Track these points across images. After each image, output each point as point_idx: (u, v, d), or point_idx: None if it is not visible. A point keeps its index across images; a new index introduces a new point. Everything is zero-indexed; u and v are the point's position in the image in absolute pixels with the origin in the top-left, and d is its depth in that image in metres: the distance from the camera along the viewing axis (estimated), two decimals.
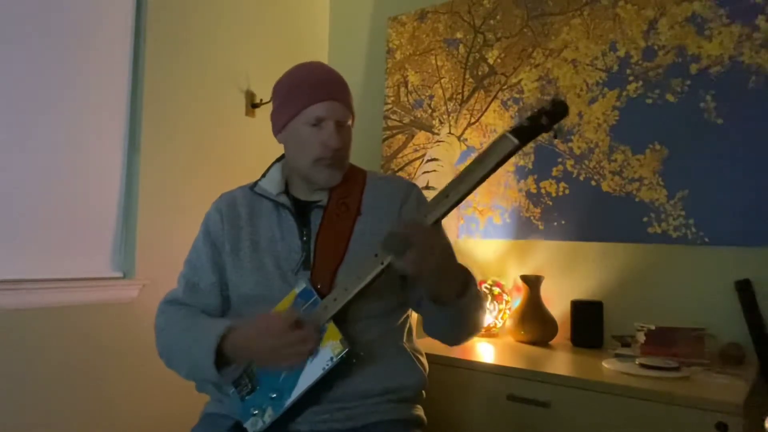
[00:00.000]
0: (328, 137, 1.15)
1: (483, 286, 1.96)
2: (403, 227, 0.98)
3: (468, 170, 0.99)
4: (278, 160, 1.30)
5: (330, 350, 1.05)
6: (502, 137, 0.98)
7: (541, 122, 0.98)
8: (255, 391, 1.10)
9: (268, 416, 1.06)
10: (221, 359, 1.10)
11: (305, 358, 1.06)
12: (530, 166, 2.06)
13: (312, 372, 1.05)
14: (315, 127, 1.16)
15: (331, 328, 1.06)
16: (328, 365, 1.04)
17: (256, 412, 1.08)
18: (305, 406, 1.07)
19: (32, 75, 1.73)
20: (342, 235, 1.17)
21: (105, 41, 1.91)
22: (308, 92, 1.16)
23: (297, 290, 1.12)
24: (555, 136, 1.02)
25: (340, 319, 1.08)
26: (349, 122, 1.21)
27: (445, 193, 1.00)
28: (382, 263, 1.02)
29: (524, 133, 0.97)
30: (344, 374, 1.08)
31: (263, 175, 1.28)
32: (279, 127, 1.22)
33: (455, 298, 1.07)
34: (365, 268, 1.04)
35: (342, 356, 1.03)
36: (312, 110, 1.16)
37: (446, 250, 1.05)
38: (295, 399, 1.05)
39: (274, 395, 1.07)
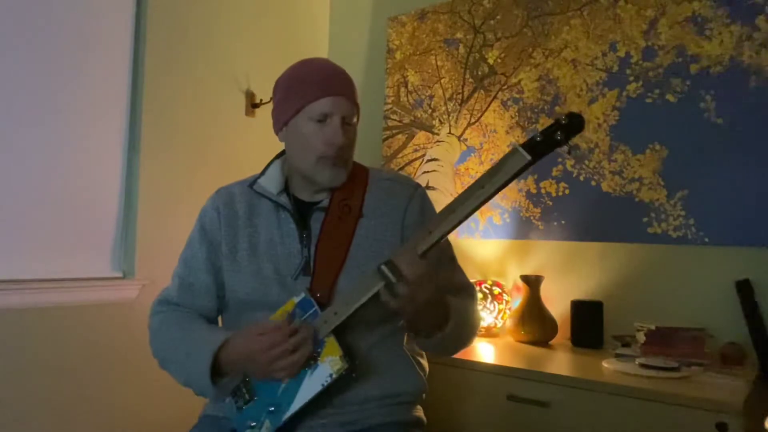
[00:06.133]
0: (333, 134, 1.10)
1: (483, 286, 1.96)
2: (399, 260, 0.97)
3: (477, 185, 0.95)
4: (278, 156, 1.25)
5: (329, 366, 1.03)
6: (513, 152, 0.93)
7: (555, 137, 0.92)
8: (252, 402, 1.08)
9: (266, 429, 1.05)
10: (217, 372, 1.08)
11: (299, 369, 1.04)
12: None
13: (311, 387, 1.04)
14: (320, 123, 1.11)
15: (331, 343, 1.05)
16: (327, 381, 1.03)
17: (254, 424, 1.06)
18: (303, 418, 1.07)
19: (32, 75, 1.73)
20: (343, 239, 1.13)
21: (105, 41, 1.91)
22: (313, 87, 1.11)
23: (296, 299, 1.09)
24: (569, 152, 0.96)
25: (339, 327, 1.06)
26: (355, 120, 1.16)
27: (452, 209, 0.96)
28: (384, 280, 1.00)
29: (537, 147, 0.92)
30: (344, 385, 1.07)
31: (262, 173, 1.23)
32: (280, 124, 1.17)
33: (433, 332, 1.08)
34: (367, 283, 1.02)
35: (341, 373, 1.03)
36: (317, 105, 1.11)
37: (435, 289, 1.01)
38: (293, 413, 1.04)
39: (272, 408, 1.06)
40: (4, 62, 1.67)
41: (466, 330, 1.17)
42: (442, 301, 1.08)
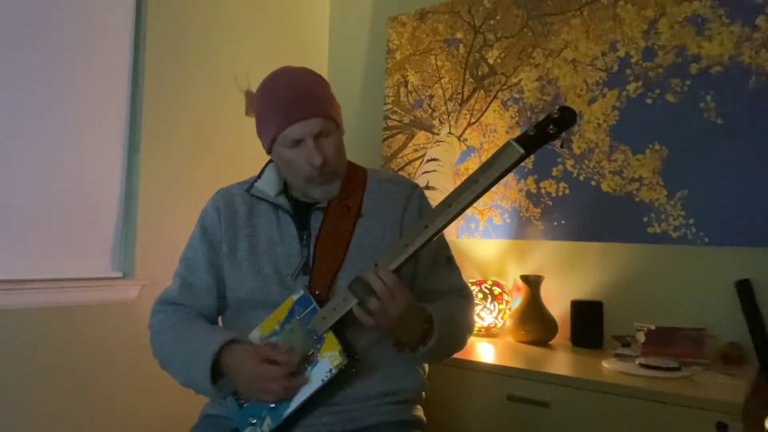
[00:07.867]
0: (309, 156, 1.11)
1: (483, 286, 1.96)
2: (370, 275, 0.99)
3: (471, 180, 0.97)
4: (272, 159, 1.26)
5: (329, 361, 1.04)
6: (507, 146, 0.95)
7: (547, 131, 0.94)
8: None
9: (267, 426, 1.06)
10: (216, 371, 1.09)
11: (281, 398, 1.05)
12: (530, 166, 2.06)
13: (311, 383, 1.05)
14: (295, 148, 1.12)
15: (330, 339, 1.06)
16: (327, 377, 1.04)
17: (255, 421, 1.07)
18: (304, 414, 1.07)
19: (32, 75, 1.73)
20: (342, 238, 1.15)
21: (105, 41, 1.91)
22: (278, 116, 1.11)
23: (295, 297, 1.11)
24: (562, 146, 0.97)
25: (338, 323, 1.07)
26: (333, 129, 1.15)
27: (447, 203, 0.98)
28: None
29: (530, 141, 0.94)
30: (344, 381, 1.08)
31: (259, 176, 1.24)
32: (266, 149, 1.19)
33: (417, 346, 1.09)
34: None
35: (341, 368, 1.03)
36: (285, 135, 1.11)
37: (408, 304, 1.03)
38: (294, 409, 1.05)
39: (273, 405, 1.06)
40: (4, 63, 1.67)
41: (456, 338, 1.18)
42: (423, 313, 1.09)
